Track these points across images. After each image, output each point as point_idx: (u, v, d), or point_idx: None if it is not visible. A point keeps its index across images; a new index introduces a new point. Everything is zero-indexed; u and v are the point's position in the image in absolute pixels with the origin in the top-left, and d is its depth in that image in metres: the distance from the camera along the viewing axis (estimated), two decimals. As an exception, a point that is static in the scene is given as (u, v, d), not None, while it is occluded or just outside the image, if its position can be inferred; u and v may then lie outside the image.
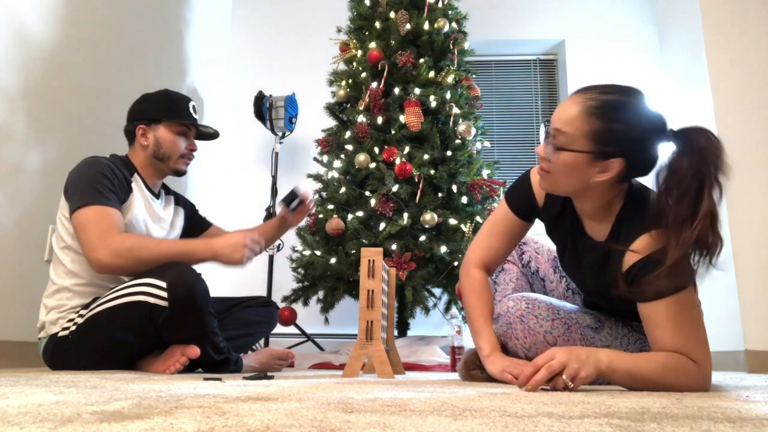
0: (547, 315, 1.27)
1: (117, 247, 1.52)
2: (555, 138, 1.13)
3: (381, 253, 1.57)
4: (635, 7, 3.92)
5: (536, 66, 4.06)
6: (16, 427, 0.47)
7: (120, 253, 1.52)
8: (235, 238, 1.65)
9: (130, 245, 1.54)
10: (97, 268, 1.55)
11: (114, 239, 1.53)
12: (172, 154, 1.80)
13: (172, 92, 1.87)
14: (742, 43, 2.72)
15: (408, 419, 0.58)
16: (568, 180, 1.16)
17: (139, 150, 1.80)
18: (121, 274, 1.59)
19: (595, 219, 1.23)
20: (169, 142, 1.79)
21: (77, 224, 1.57)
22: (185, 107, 1.83)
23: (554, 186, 1.19)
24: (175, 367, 1.48)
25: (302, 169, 3.67)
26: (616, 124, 1.09)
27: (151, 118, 1.79)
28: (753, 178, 2.56)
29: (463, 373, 1.42)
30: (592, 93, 1.12)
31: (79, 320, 1.55)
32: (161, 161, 1.79)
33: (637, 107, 1.11)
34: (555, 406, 0.74)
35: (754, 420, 0.62)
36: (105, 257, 1.52)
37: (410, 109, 2.81)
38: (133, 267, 1.54)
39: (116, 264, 1.53)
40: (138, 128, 1.79)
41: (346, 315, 3.08)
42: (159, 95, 1.85)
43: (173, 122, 1.79)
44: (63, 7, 2.34)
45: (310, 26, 4.03)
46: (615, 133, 1.09)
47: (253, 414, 0.59)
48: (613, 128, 1.09)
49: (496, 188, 2.85)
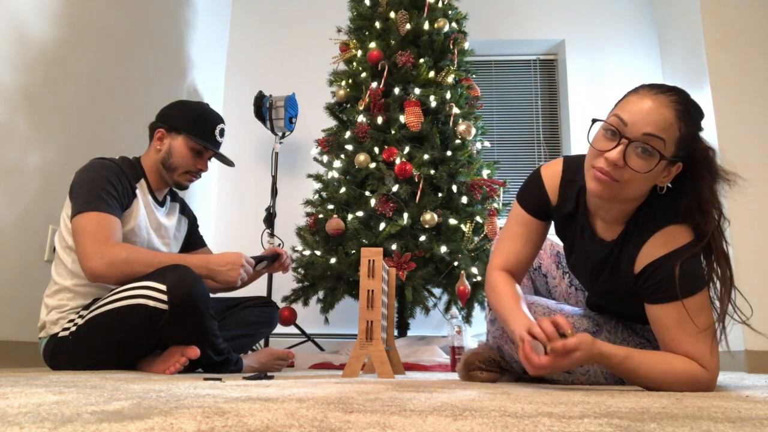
0: (544, 316, 1.26)
1: (113, 258, 1.51)
2: (646, 144, 1.03)
3: (381, 253, 1.57)
4: (635, 7, 3.92)
5: (536, 66, 4.06)
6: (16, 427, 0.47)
7: (115, 264, 1.51)
8: (232, 256, 1.63)
9: (125, 257, 1.53)
10: (91, 278, 1.53)
11: (111, 250, 1.52)
12: (179, 167, 1.78)
13: (207, 109, 1.85)
14: (742, 43, 2.72)
15: (408, 419, 0.58)
16: (642, 186, 1.08)
17: (153, 152, 1.79)
18: (114, 284, 1.56)
19: (608, 220, 1.19)
20: (180, 155, 1.77)
21: (76, 229, 1.56)
22: (211, 128, 1.80)
23: (621, 194, 1.08)
24: (175, 367, 1.48)
25: (302, 169, 3.67)
26: (694, 129, 1.07)
27: (173, 126, 1.78)
28: (753, 178, 2.56)
29: (464, 374, 1.42)
30: (672, 95, 1.06)
31: (80, 321, 1.55)
32: (167, 170, 1.78)
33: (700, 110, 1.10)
34: (555, 406, 0.74)
35: (754, 420, 0.62)
36: (99, 267, 1.51)
37: (410, 109, 2.81)
38: (126, 278, 1.53)
39: (110, 275, 1.52)
40: (158, 130, 1.79)
41: (346, 315, 3.08)
42: (194, 107, 1.83)
43: (192, 138, 1.77)
44: (63, 7, 2.34)
45: (310, 26, 4.03)
46: (689, 137, 1.07)
47: (253, 414, 0.59)
48: (692, 133, 1.07)
49: (496, 188, 2.85)
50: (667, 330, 1.09)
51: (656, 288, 1.09)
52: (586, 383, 1.32)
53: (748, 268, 2.46)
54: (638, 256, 1.12)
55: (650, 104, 1.04)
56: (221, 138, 1.85)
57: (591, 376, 1.32)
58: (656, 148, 1.03)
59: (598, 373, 1.32)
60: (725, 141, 2.61)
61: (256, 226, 3.25)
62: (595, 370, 1.32)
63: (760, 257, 2.47)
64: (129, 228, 1.67)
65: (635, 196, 1.11)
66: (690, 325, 1.06)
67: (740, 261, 2.48)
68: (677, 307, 1.07)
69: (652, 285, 1.09)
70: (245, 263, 1.65)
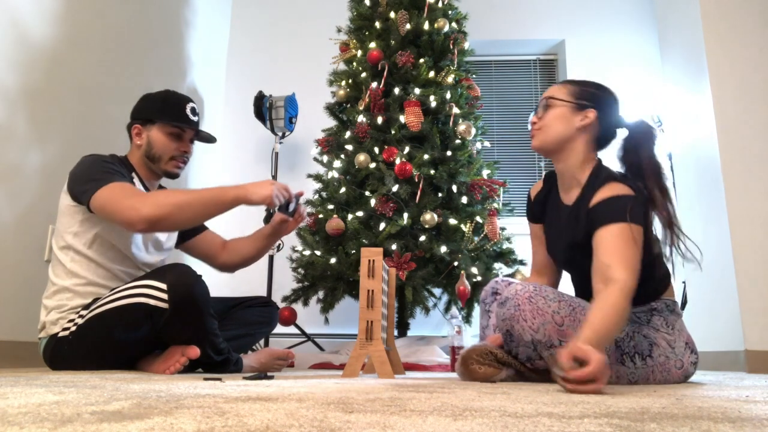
0: (554, 297, 1.32)
1: (154, 200, 1.52)
2: (545, 105, 1.47)
3: (381, 253, 1.57)
4: (635, 7, 3.92)
5: (536, 66, 4.06)
6: (16, 427, 0.47)
7: (160, 203, 1.52)
8: (262, 181, 1.66)
9: (164, 195, 1.55)
10: (146, 226, 1.51)
11: (147, 196, 1.54)
12: (163, 155, 1.78)
13: (172, 93, 1.85)
14: (742, 43, 2.72)
15: (408, 419, 0.58)
16: (556, 127, 1.45)
17: (135, 149, 1.80)
18: (168, 225, 1.57)
19: (568, 188, 1.49)
20: (160, 143, 1.77)
21: (101, 205, 1.55)
22: (182, 108, 1.80)
23: (545, 136, 1.46)
24: (175, 367, 1.48)
25: (302, 169, 3.66)
26: (588, 87, 1.49)
27: (146, 118, 1.78)
28: (753, 178, 2.56)
29: (462, 370, 1.42)
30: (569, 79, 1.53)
31: (80, 320, 1.55)
32: (153, 162, 1.78)
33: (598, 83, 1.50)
34: (555, 406, 0.74)
35: (754, 420, 0.62)
36: (149, 211, 1.50)
37: (410, 109, 2.81)
38: (176, 214, 1.54)
39: (161, 213, 1.51)
40: (134, 127, 1.79)
41: (346, 315, 3.08)
42: (158, 95, 1.83)
43: (166, 123, 1.77)
44: (63, 7, 2.34)
45: (310, 26, 4.03)
46: (588, 92, 1.47)
47: (253, 414, 0.59)
48: (587, 89, 1.48)
49: (496, 188, 2.85)
50: (597, 251, 1.29)
51: (594, 219, 1.33)
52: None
53: (748, 267, 2.46)
54: (590, 204, 1.37)
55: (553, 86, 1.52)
56: (194, 117, 1.83)
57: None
58: (554, 98, 1.47)
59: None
60: (725, 141, 2.61)
61: (257, 226, 3.24)
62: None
63: (760, 257, 2.47)
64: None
65: (559, 135, 1.45)
66: (611, 244, 1.28)
67: (740, 261, 2.48)
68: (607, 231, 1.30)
69: (593, 218, 1.34)
70: (277, 185, 1.65)
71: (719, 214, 2.60)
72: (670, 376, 1.38)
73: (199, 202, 1.57)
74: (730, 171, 2.58)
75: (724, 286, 2.56)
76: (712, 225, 2.68)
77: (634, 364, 1.35)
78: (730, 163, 2.59)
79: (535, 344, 1.30)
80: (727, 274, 2.52)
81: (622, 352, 1.35)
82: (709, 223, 2.70)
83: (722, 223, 2.57)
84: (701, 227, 2.78)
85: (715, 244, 2.63)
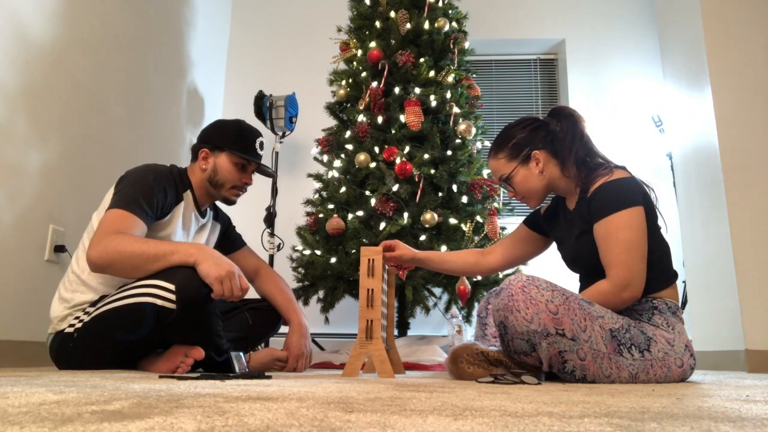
0: (547, 286, 1.33)
1: (107, 245, 1.47)
2: (505, 181, 1.63)
3: (380, 252, 1.57)
4: (635, 7, 3.92)
5: (536, 65, 4.06)
6: (16, 427, 0.47)
7: (109, 250, 1.47)
8: (226, 263, 1.48)
9: (118, 241, 1.48)
10: (91, 266, 1.50)
11: (112, 238, 1.49)
12: (226, 183, 1.82)
13: (245, 125, 1.89)
14: (742, 43, 2.71)
15: (408, 419, 0.58)
16: (530, 187, 1.60)
17: (198, 170, 1.83)
18: (111, 272, 1.51)
19: (568, 197, 1.64)
20: (226, 171, 1.82)
21: (99, 222, 1.57)
22: (252, 142, 1.85)
23: (532, 196, 1.61)
24: (183, 369, 1.49)
25: (302, 169, 3.67)
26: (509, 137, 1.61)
27: (216, 145, 1.82)
28: (753, 178, 2.55)
29: (451, 367, 1.41)
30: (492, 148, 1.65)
31: (86, 318, 1.56)
32: (214, 187, 1.82)
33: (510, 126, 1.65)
34: (555, 405, 0.74)
35: (754, 420, 0.62)
36: (94, 254, 1.48)
37: (410, 109, 2.81)
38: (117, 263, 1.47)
39: (104, 261, 1.46)
40: (201, 150, 1.83)
41: (346, 314, 3.08)
42: (232, 124, 1.87)
43: (235, 153, 1.81)
44: (63, 7, 2.34)
45: (310, 26, 4.03)
46: (515, 142, 1.60)
47: (253, 413, 0.59)
48: (511, 140, 1.61)
49: (496, 188, 2.85)
50: (599, 245, 1.43)
51: (594, 210, 1.44)
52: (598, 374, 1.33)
53: (748, 267, 2.46)
54: (588, 197, 1.50)
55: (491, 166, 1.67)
56: (261, 151, 1.89)
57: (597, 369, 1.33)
58: (504, 174, 1.62)
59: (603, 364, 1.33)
60: (725, 141, 2.61)
61: (257, 226, 3.25)
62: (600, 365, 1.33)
63: (760, 257, 2.47)
64: (164, 235, 1.69)
65: (540, 189, 1.59)
66: (609, 241, 1.40)
67: (740, 261, 2.48)
68: (605, 223, 1.41)
69: (593, 209, 1.45)
70: (237, 272, 1.49)
71: (719, 213, 2.60)
72: (671, 373, 1.38)
73: (142, 257, 1.47)
74: (730, 171, 2.58)
75: (724, 286, 2.56)
76: (712, 224, 2.67)
77: (631, 355, 1.35)
78: (730, 162, 2.59)
79: (530, 335, 1.30)
80: (727, 273, 2.52)
81: (619, 342, 1.35)
82: (709, 222, 2.70)
83: (722, 222, 2.57)
84: (701, 227, 2.78)
85: (715, 244, 2.63)
